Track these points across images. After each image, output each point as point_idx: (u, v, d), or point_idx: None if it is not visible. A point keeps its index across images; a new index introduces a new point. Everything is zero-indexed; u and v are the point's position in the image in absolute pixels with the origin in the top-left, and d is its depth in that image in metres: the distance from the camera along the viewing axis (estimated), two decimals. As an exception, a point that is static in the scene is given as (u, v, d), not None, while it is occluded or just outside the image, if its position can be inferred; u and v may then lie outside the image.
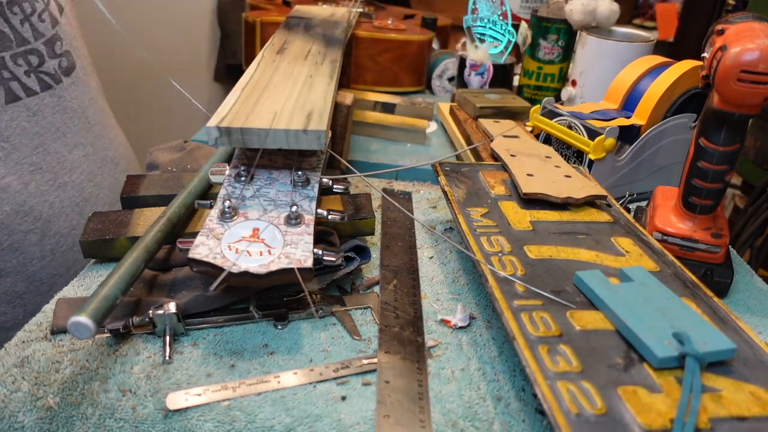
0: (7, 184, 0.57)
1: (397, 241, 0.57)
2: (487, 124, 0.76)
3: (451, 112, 0.87)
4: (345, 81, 0.98)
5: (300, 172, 0.47)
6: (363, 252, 0.51)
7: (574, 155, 0.68)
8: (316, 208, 0.44)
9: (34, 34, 0.61)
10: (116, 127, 0.78)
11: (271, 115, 0.46)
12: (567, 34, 0.94)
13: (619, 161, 0.67)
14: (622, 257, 0.46)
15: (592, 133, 0.65)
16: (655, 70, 0.70)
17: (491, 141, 0.67)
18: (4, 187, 0.57)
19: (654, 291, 0.40)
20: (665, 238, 0.54)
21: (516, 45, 0.95)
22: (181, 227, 0.50)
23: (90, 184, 0.67)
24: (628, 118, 0.68)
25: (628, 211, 0.63)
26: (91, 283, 0.49)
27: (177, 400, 0.38)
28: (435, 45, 1.17)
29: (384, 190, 0.69)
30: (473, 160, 0.73)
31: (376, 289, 0.51)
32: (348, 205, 0.54)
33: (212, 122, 0.44)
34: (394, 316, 0.46)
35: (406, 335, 0.44)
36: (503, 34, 0.94)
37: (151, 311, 0.42)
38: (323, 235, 0.49)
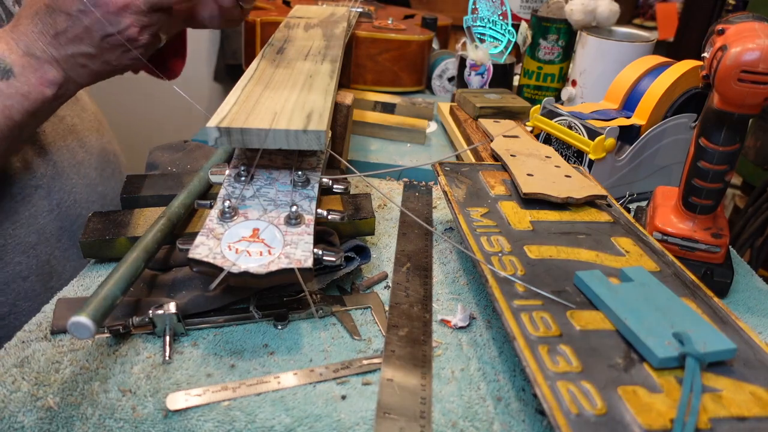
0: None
1: (414, 229, 0.60)
2: (487, 124, 0.76)
3: (451, 112, 0.87)
4: (345, 81, 0.98)
5: (300, 172, 0.47)
6: (363, 252, 0.51)
7: (574, 155, 0.68)
8: (316, 208, 0.44)
9: None
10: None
11: (271, 115, 0.46)
12: (567, 34, 0.94)
13: (619, 161, 0.67)
14: (622, 257, 0.46)
15: (592, 133, 0.65)
16: (655, 70, 0.70)
17: (491, 141, 0.67)
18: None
19: (654, 291, 0.40)
20: (665, 238, 0.54)
21: (516, 45, 0.95)
22: (181, 227, 0.50)
23: (81, 150, 0.71)
24: (628, 118, 0.68)
25: (628, 211, 0.63)
26: (91, 283, 0.49)
27: (177, 400, 0.38)
28: (435, 45, 1.17)
29: (405, 182, 0.72)
30: (473, 160, 0.73)
31: (377, 288, 0.51)
32: (348, 205, 0.54)
33: (212, 122, 0.44)
34: (405, 294, 0.49)
35: (415, 311, 0.47)
36: (503, 34, 0.94)
37: (151, 311, 0.42)
38: (323, 235, 0.49)
